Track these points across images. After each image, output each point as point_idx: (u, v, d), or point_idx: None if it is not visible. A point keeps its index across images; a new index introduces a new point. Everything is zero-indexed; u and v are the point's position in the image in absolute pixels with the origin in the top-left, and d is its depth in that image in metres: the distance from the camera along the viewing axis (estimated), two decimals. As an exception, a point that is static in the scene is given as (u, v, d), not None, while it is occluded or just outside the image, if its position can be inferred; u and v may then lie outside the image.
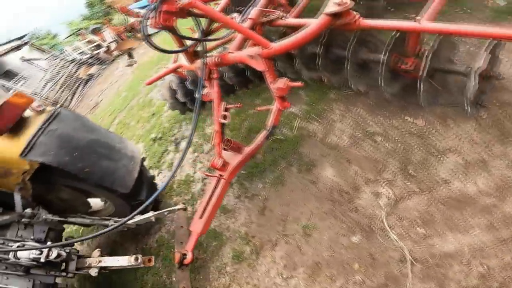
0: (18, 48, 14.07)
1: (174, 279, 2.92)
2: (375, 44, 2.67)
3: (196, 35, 2.51)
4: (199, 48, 2.75)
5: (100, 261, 2.36)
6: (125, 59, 11.63)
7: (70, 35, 21.20)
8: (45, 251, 1.99)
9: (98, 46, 14.00)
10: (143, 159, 3.22)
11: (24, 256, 2.01)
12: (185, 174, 3.93)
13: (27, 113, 2.41)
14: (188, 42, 2.69)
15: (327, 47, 2.67)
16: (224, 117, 2.39)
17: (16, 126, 2.25)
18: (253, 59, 2.24)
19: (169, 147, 4.62)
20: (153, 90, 7.12)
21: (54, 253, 2.02)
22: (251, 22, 2.63)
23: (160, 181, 3.98)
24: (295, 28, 2.97)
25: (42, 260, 1.98)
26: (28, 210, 2.25)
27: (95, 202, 3.34)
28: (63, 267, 2.30)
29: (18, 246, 2.06)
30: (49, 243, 2.20)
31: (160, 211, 2.91)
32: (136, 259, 2.33)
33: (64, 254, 2.10)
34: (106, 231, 2.11)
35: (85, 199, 3.01)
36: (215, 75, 2.53)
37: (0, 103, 2.13)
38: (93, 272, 2.31)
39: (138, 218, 2.65)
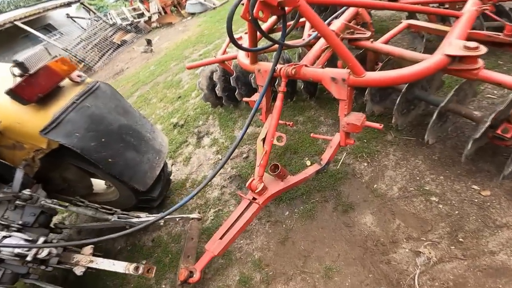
0: (68, 4, 14.02)
1: (163, 286, 2.60)
2: (465, 94, 2.28)
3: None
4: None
5: (91, 261, 1.99)
6: (141, 43, 11.42)
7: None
8: (35, 249, 1.62)
9: (141, 15, 13.83)
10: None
11: (7, 250, 1.63)
12: (202, 175, 3.58)
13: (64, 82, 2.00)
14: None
15: (411, 85, 2.27)
16: (280, 139, 2.00)
17: (46, 96, 1.85)
18: (335, 83, 1.84)
19: (189, 139, 4.25)
20: (184, 71, 6.79)
21: (44, 252, 1.65)
22: (332, 34, 2.23)
23: (172, 175, 3.62)
24: (376, 54, 2.63)
25: (29, 258, 1.61)
26: (26, 192, 1.86)
27: (97, 183, 2.99)
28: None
29: (3, 237, 1.66)
30: (41, 240, 1.78)
31: (172, 216, 2.59)
32: (136, 268, 1.98)
33: (55, 252, 1.73)
34: (121, 234, 1.73)
35: (90, 181, 2.66)
36: (282, 88, 2.12)
37: (38, 67, 1.74)
38: (79, 271, 1.94)
39: (146, 220, 2.33)
